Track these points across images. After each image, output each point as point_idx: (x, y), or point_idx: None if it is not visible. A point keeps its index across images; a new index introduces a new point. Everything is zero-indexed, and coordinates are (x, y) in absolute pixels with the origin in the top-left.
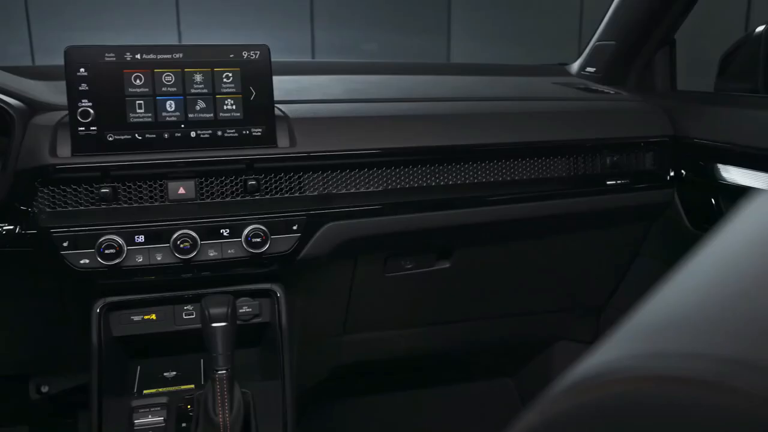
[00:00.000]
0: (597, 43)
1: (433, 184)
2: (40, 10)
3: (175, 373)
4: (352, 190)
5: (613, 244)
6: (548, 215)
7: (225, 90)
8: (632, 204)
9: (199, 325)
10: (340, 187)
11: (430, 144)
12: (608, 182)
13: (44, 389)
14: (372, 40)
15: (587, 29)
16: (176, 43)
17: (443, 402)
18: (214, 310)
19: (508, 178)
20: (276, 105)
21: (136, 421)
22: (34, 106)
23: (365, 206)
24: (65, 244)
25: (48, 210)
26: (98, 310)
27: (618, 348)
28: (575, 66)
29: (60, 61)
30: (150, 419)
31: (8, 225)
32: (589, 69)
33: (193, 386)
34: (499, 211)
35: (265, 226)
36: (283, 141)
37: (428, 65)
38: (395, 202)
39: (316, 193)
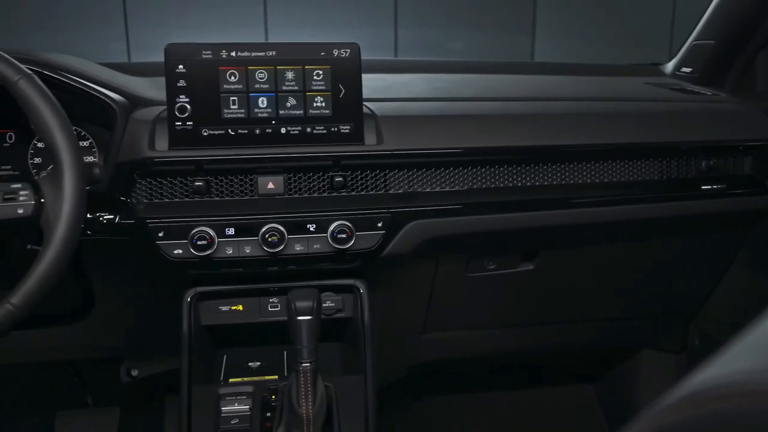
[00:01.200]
0: (694, 42)
1: (519, 184)
2: (137, 9)
3: (259, 363)
4: (436, 189)
5: (706, 252)
6: (637, 219)
7: (315, 87)
8: (728, 210)
9: (283, 318)
10: (424, 186)
11: (516, 144)
12: (703, 187)
13: (134, 373)
14: (457, 38)
15: (680, 28)
16: (263, 41)
17: (520, 405)
18: (300, 304)
19: (597, 180)
20: (363, 103)
21: (223, 408)
22: (134, 102)
23: (449, 205)
24: (160, 234)
25: (145, 201)
26: (189, 299)
27: (739, 361)
28: (669, 66)
29: (154, 58)
30: (236, 407)
31: (109, 215)
32: (684, 69)
33: (276, 377)
34: (585, 213)
35: (351, 223)
36: (370, 138)
37: (512, 64)
38: (479, 202)
39: (401, 191)
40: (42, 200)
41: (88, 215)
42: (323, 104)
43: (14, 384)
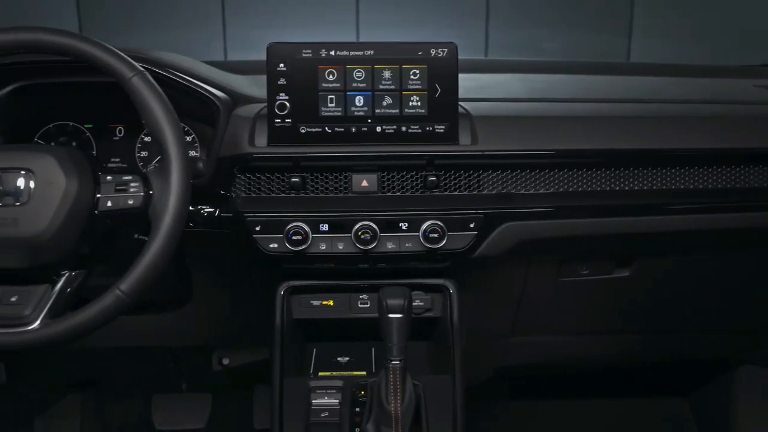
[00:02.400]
0: None
1: (616, 188)
2: (234, 10)
3: (347, 358)
4: (531, 191)
5: None
6: (739, 228)
7: (411, 86)
8: None
9: (372, 315)
10: (518, 187)
11: (614, 147)
12: None
13: (225, 362)
14: (550, 38)
15: None
16: (354, 40)
17: (608, 415)
18: (392, 301)
19: (701, 186)
20: (459, 102)
21: (313, 401)
22: (236, 99)
23: (543, 208)
24: (257, 228)
25: (243, 195)
26: (282, 293)
27: None
28: None
29: (250, 56)
30: (326, 400)
31: (209, 208)
32: None
33: (365, 373)
34: (684, 221)
35: (443, 223)
36: (464, 138)
37: (610, 64)
38: (574, 205)
39: (494, 192)
40: (150, 192)
41: (190, 208)
42: (419, 103)
43: (116, 367)
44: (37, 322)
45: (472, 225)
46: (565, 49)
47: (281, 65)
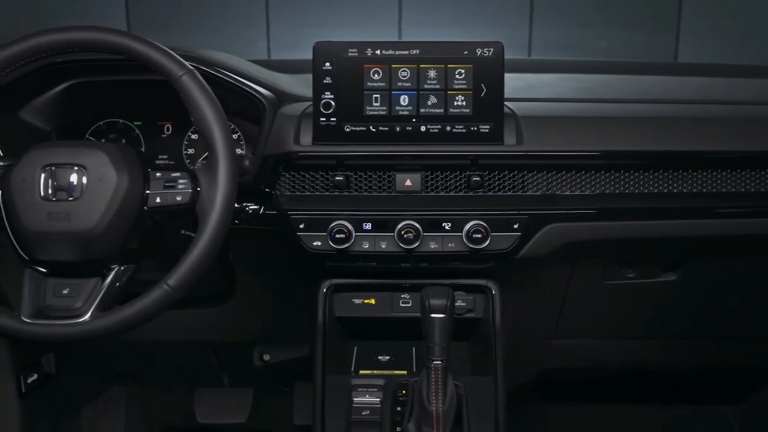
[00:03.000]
0: None
1: (665, 191)
2: (278, 10)
3: (388, 357)
4: (576, 192)
5: None
6: None
7: (456, 86)
8: None
9: (414, 314)
10: (563, 188)
11: (661, 148)
12: None
13: (266, 357)
14: (596, 38)
15: None
16: (396, 39)
17: (652, 421)
18: (435, 301)
19: (752, 190)
20: (504, 102)
21: (355, 399)
22: (281, 97)
23: (588, 209)
24: (301, 226)
25: (288, 193)
26: (324, 290)
27: None
28: None
29: (293, 55)
30: (367, 399)
31: (254, 205)
32: None
33: (405, 372)
34: (733, 224)
35: (486, 223)
36: (509, 138)
37: (656, 64)
38: (620, 207)
39: (539, 193)
40: (198, 189)
41: (236, 205)
42: (464, 103)
43: (160, 360)
44: (88, 314)
45: (516, 226)
46: (612, 48)
47: (327, 64)
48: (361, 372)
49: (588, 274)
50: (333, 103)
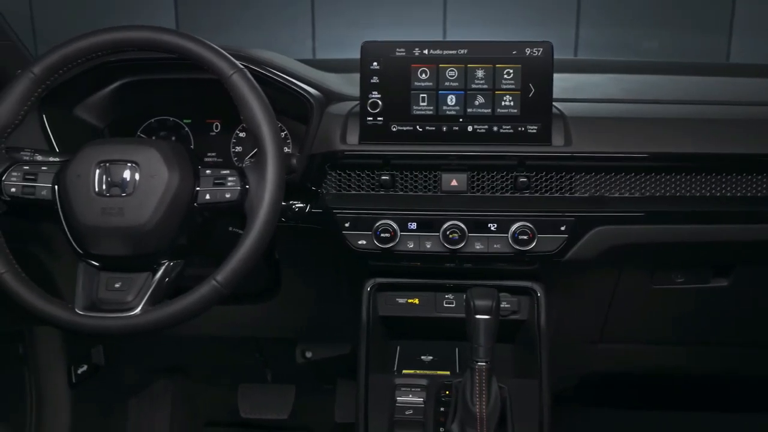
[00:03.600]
0: None
1: (717, 194)
2: (324, 9)
3: (431, 357)
4: (625, 195)
5: None
6: None
7: (504, 86)
8: None
9: (457, 315)
10: (612, 191)
11: (714, 151)
12: None
13: (308, 355)
14: (645, 38)
15: None
16: (440, 39)
17: (697, 429)
18: (480, 302)
19: None
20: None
21: (398, 398)
22: (329, 96)
23: (637, 212)
24: (347, 225)
25: (333, 192)
26: (368, 289)
27: None
28: None
29: (337, 54)
30: (411, 398)
31: (300, 203)
32: None
33: (448, 373)
34: None
35: (533, 224)
36: (557, 139)
37: (707, 65)
38: (670, 210)
39: (587, 195)
40: (247, 186)
41: (282, 203)
42: (511, 103)
43: (205, 355)
44: (139, 308)
45: (563, 228)
46: (662, 49)
47: (375, 64)
48: (404, 371)
49: (635, 278)
50: (380, 102)
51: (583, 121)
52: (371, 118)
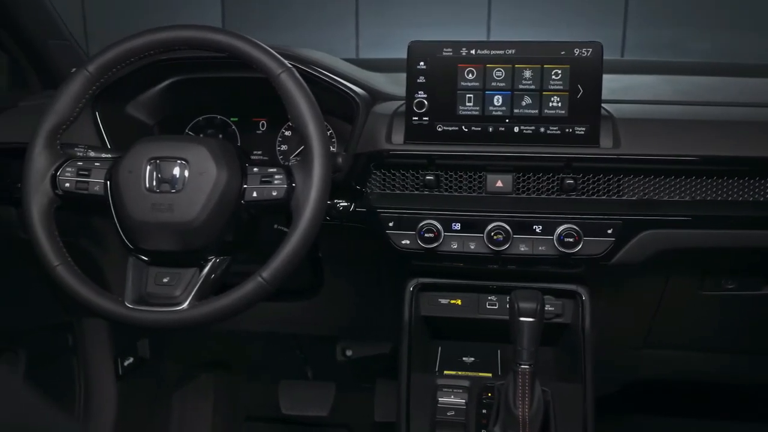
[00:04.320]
0: None
1: None
2: (368, 9)
3: (473, 359)
4: (675, 198)
5: None
6: None
7: (552, 87)
8: None
9: (500, 317)
10: (661, 194)
11: (766, 155)
12: None
13: (348, 353)
14: (696, 38)
15: None
16: (484, 38)
17: None
18: (524, 305)
19: None
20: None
21: (440, 399)
22: (375, 96)
23: (687, 216)
24: (390, 224)
25: (378, 191)
26: (411, 289)
27: None
28: None
29: (380, 54)
30: (452, 399)
31: (344, 202)
32: None
33: (490, 375)
34: None
35: (579, 227)
36: (606, 141)
37: (760, 66)
38: (721, 215)
39: (635, 198)
40: (293, 185)
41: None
42: (559, 104)
43: (247, 351)
44: (186, 303)
45: (609, 231)
46: (713, 49)
47: (421, 63)
48: (446, 372)
49: (684, 283)
50: (426, 102)
51: (633, 123)
52: (417, 118)
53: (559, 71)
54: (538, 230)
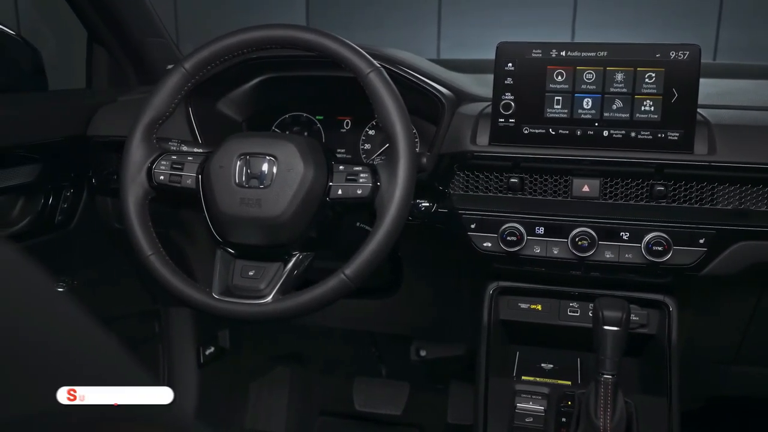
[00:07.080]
0: None
1: None
2: (450, 9)
3: (552, 365)
4: None
5: None
6: None
7: (645, 90)
8: None
9: (582, 324)
10: (758, 204)
11: None
12: None
13: (422, 353)
14: None
15: None
16: (569, 40)
17: None
18: (609, 313)
19: None
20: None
21: (518, 405)
22: (460, 97)
23: None
24: (472, 226)
25: (461, 192)
26: (491, 292)
27: None
28: None
29: (461, 54)
30: (531, 406)
31: (427, 202)
32: None
33: (569, 383)
34: None
35: (668, 235)
36: (700, 148)
37: None
38: None
39: (729, 207)
40: (378, 183)
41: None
42: (652, 108)
43: (323, 346)
44: (270, 296)
45: (701, 241)
46: None
47: (509, 65)
48: (524, 378)
49: None
50: (513, 104)
51: (730, 129)
52: (503, 120)
53: (653, 74)
54: (625, 237)
